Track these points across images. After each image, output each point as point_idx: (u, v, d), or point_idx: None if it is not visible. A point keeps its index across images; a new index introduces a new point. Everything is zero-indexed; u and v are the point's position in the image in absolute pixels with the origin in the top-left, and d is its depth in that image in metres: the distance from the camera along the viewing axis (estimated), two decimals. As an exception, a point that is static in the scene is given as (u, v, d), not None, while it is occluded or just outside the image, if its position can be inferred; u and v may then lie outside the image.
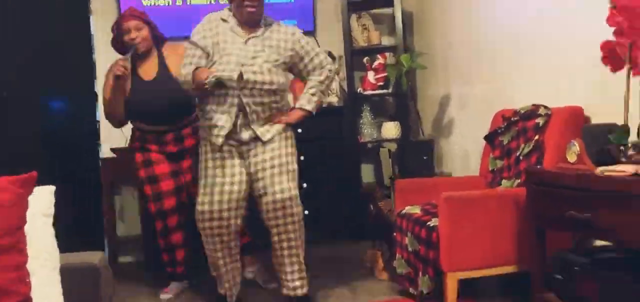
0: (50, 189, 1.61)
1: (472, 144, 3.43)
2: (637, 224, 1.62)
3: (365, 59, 4.23)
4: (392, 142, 4.07)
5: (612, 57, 2.00)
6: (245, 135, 2.55)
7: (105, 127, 4.14)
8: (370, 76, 4.18)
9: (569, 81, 2.61)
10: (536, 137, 2.54)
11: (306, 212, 3.91)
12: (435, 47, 4.02)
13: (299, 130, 3.95)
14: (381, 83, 4.15)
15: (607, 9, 1.91)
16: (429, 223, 2.45)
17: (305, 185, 3.93)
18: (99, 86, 4.17)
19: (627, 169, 1.75)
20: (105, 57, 4.16)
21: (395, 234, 2.75)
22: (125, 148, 3.93)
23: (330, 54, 4.19)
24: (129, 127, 3.24)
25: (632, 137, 1.91)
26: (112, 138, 4.08)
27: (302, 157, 3.94)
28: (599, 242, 2.29)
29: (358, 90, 4.24)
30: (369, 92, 4.17)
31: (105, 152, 4.11)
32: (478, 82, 3.43)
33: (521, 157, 2.59)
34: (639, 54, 1.88)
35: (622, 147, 1.89)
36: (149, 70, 2.98)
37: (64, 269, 1.50)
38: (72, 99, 3.99)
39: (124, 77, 2.87)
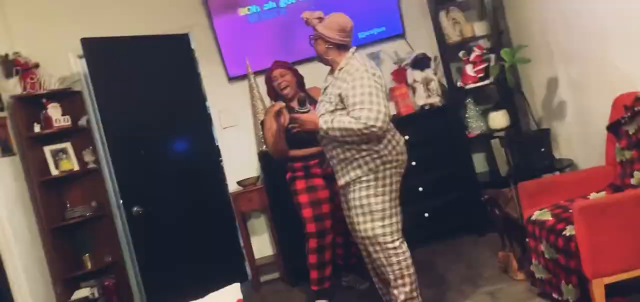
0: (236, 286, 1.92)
1: (591, 127, 3.36)
2: None
3: (461, 53, 4.24)
4: (501, 131, 4.07)
5: None
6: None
7: (226, 163, 4.56)
8: (469, 69, 4.19)
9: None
10: (666, 126, 2.50)
11: (426, 214, 4.12)
12: (531, 28, 3.93)
13: (407, 137, 4.12)
14: (481, 75, 4.15)
15: None
16: (564, 232, 2.50)
17: (421, 188, 4.08)
18: (216, 126, 4.58)
19: None
20: (214, 98, 4.57)
21: (528, 240, 2.82)
22: (248, 179, 4.33)
23: (425, 56, 4.26)
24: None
25: None
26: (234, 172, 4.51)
27: (413, 163, 4.09)
28: None
29: (458, 84, 4.27)
30: (471, 85, 4.18)
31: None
32: (588, 62, 3.32)
33: (652, 149, 2.55)
34: None
35: None
36: None
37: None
38: (196, 141, 4.40)
39: (280, 111, 3.13)
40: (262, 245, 4.62)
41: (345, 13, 2.83)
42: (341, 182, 2.77)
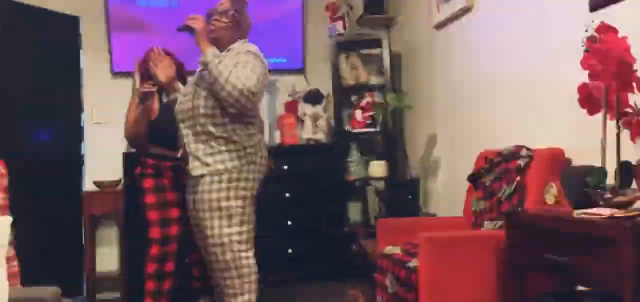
0: (8, 220, 1.61)
1: (458, 184, 3.41)
2: (613, 269, 1.59)
3: (353, 98, 4.27)
4: (379, 180, 4.06)
5: (588, 100, 2.01)
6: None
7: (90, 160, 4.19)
8: (358, 114, 4.21)
9: (550, 122, 2.62)
10: (517, 178, 2.53)
11: (289, 250, 3.94)
12: (421, 88, 4.05)
13: (285, 167, 4.00)
14: (369, 121, 4.17)
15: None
16: (408, 264, 2.42)
17: (289, 222, 3.92)
18: (87, 120, 4.23)
19: (604, 212, 1.74)
20: (93, 91, 4.26)
21: (376, 274, 2.71)
22: (107, 182, 3.95)
23: (318, 93, 4.24)
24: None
25: (610, 180, 1.90)
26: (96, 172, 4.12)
27: (287, 194, 3.96)
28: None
29: (346, 128, 4.26)
30: (357, 130, 4.18)
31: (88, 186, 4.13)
32: (462, 123, 3.44)
33: (503, 199, 2.57)
34: (614, 97, 1.89)
35: (599, 190, 1.88)
36: None
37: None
38: (59, 131, 4.02)
39: (149, 94, 2.94)
40: (107, 259, 4.19)
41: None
42: (196, 172, 2.45)
